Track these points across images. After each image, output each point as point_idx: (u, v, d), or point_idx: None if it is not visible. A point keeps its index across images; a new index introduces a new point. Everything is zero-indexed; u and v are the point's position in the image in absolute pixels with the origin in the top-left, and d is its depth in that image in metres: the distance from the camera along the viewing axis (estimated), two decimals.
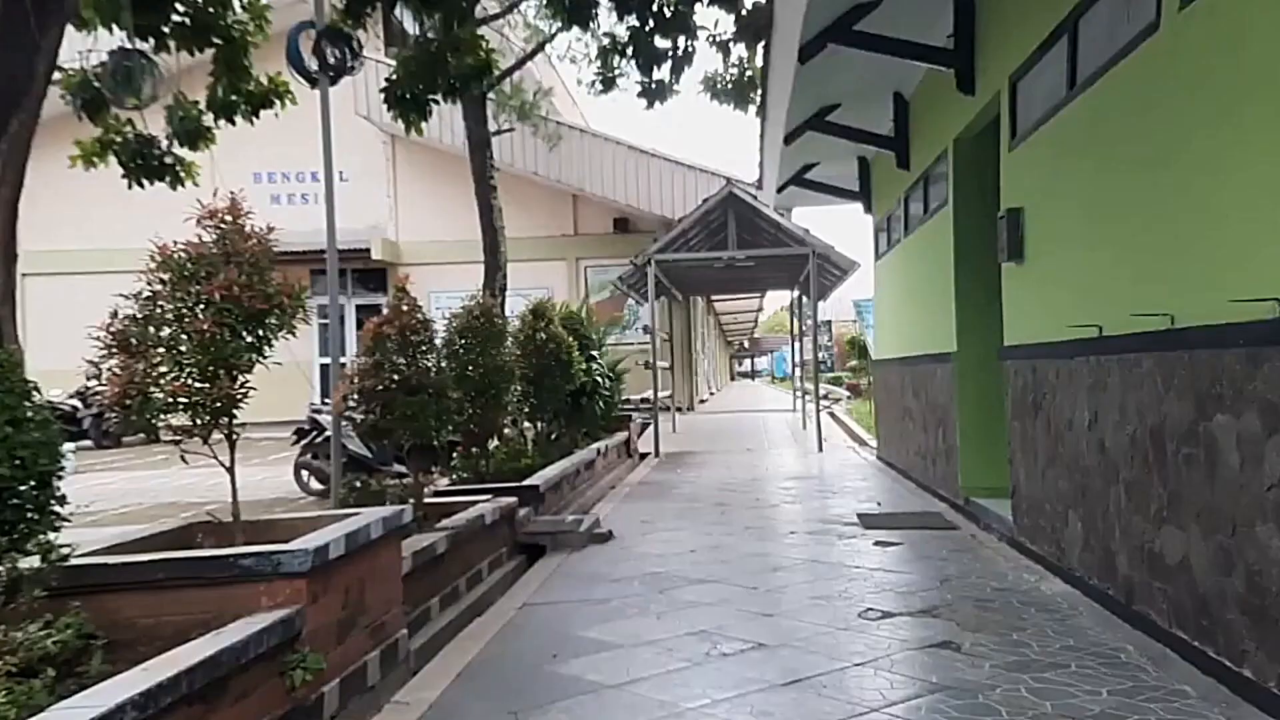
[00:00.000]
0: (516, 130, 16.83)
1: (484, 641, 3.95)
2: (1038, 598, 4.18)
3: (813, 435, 13.62)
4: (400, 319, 5.28)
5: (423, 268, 18.18)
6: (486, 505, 5.43)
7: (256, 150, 18.16)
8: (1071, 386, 4.14)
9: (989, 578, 4.60)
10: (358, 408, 5.11)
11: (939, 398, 7.10)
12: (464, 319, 7.11)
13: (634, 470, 10.85)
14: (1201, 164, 3.06)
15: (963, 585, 4.46)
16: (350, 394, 5.11)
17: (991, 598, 4.21)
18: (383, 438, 5.35)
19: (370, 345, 5.22)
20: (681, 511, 7.31)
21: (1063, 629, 3.69)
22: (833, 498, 7.83)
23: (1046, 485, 4.57)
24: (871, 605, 4.14)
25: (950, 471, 6.78)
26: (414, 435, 5.25)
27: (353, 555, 3.04)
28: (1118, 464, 3.70)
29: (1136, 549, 3.57)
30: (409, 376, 5.23)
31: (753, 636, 3.76)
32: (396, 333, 5.26)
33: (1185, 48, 3.15)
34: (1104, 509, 3.85)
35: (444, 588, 4.32)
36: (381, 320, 5.30)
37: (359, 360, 5.23)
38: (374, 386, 5.10)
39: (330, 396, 5.90)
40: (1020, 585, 4.43)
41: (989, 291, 6.27)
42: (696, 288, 17.74)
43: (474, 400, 6.94)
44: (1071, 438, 4.16)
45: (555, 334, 9.13)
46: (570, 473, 7.95)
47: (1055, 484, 4.44)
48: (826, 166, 10.69)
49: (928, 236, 7.45)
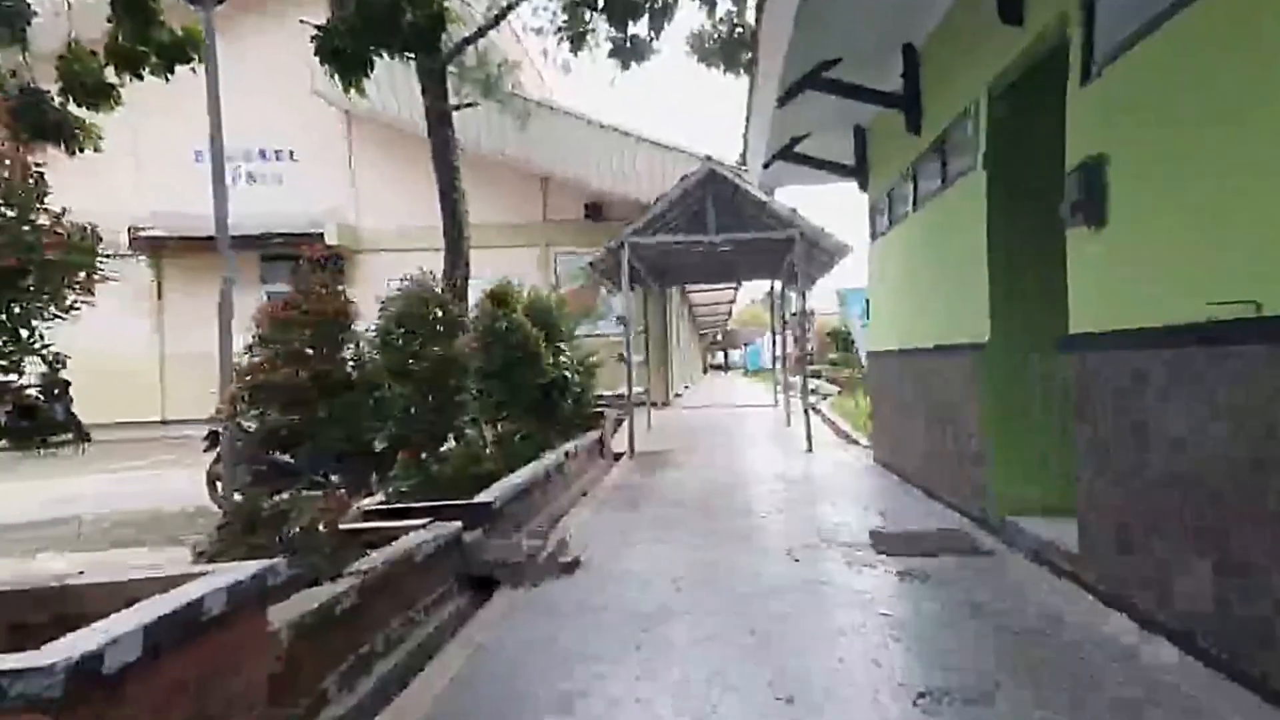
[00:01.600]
0: (482, 108, 15.66)
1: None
2: (1143, 673, 3.15)
3: (798, 433, 12.71)
4: (311, 301, 4.18)
5: (384, 255, 16.94)
6: (422, 533, 4.35)
7: (196, 125, 16.78)
8: (1191, 384, 3.14)
9: (1061, 633, 3.60)
10: (249, 409, 4.01)
11: (959, 395, 6.11)
12: (401, 303, 6.02)
13: (608, 472, 9.80)
14: None
15: (1029, 646, 3.46)
16: (242, 393, 4.00)
17: (1074, 667, 3.21)
18: (290, 446, 4.24)
19: (267, 334, 4.12)
20: (661, 521, 6.27)
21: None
22: (832, 506, 6.83)
23: (1140, 511, 3.58)
24: (914, 683, 3.13)
25: (974, 482, 5.81)
26: (339, 442, 4.15)
27: (167, 652, 1.96)
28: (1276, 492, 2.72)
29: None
30: (327, 371, 4.13)
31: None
32: (306, 318, 4.15)
33: None
34: (1246, 553, 2.86)
35: (349, 656, 3.23)
36: (285, 302, 4.19)
37: (254, 352, 4.12)
38: (275, 383, 4.00)
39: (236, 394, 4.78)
40: (1109, 648, 3.40)
41: (1034, 269, 5.30)
42: (673, 275, 16.69)
43: (420, 398, 5.87)
44: (1192, 451, 3.16)
45: (519, 323, 8.05)
46: (537, 479, 6.88)
47: (1157, 511, 3.45)
48: (819, 139, 9.68)
49: (947, 209, 6.46)
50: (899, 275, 8.26)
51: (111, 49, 7.46)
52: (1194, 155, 3.20)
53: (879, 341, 9.36)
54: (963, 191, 6.01)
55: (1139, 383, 3.52)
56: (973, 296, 5.74)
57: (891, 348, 8.52)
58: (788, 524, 6.13)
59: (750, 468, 9.52)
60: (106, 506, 8.53)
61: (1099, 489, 3.93)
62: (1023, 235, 5.37)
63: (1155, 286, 3.44)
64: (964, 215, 5.97)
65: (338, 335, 4.26)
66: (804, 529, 5.89)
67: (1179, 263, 3.28)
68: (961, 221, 6.04)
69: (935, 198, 6.78)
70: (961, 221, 6.04)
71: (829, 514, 6.51)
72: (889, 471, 8.71)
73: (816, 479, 8.53)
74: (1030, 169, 5.31)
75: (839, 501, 7.12)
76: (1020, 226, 5.38)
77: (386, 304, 6.09)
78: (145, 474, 11.76)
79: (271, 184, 16.87)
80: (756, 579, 4.50)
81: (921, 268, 7.33)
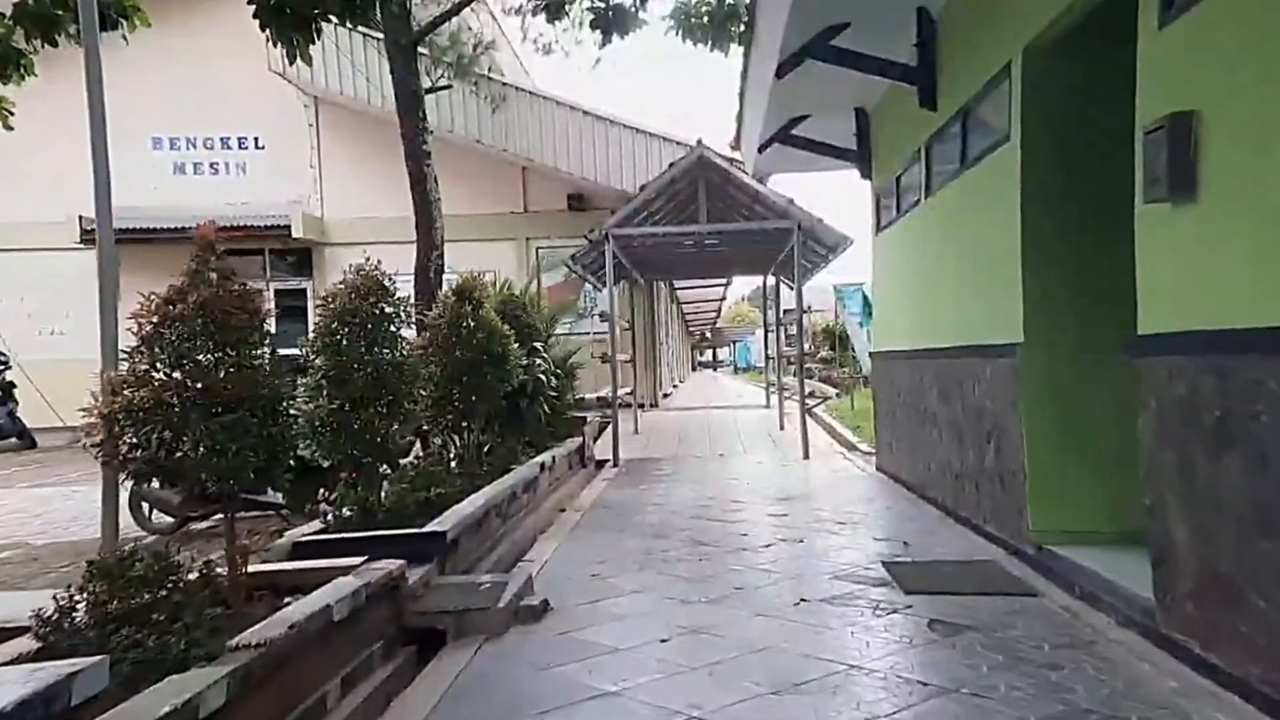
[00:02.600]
0: (458, 93, 14.80)
1: None
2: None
3: (792, 437, 11.97)
4: (201, 293, 3.33)
5: (353, 248, 16.03)
6: (345, 583, 3.52)
7: (153, 111, 15.89)
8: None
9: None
10: (123, 434, 3.15)
11: (987, 402, 5.33)
12: (343, 299, 5.18)
13: (588, 485, 8.99)
14: None
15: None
16: (115, 413, 3.15)
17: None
18: (169, 480, 3.39)
19: (148, 337, 3.27)
20: (646, 556, 5.46)
21: None
22: (841, 530, 6.04)
23: (1250, 562, 2.79)
24: None
25: (1006, 503, 5.03)
26: (223, 477, 3.31)
27: None
28: None
29: None
30: (219, 384, 3.29)
31: None
32: (195, 315, 3.31)
33: None
34: None
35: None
36: (170, 296, 3.34)
37: (129, 361, 3.26)
38: (149, 401, 3.15)
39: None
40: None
41: (1079, 257, 4.52)
42: (660, 270, 15.87)
43: (356, 411, 5.04)
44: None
45: (486, 321, 7.21)
46: (501, 500, 6.07)
47: (1270, 558, 2.67)
48: (817, 123, 8.90)
49: (969, 192, 5.67)
50: (910, 268, 7.47)
51: (22, 11, 6.58)
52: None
53: (885, 340, 8.58)
54: (990, 169, 5.23)
55: (1245, 395, 2.73)
56: (1003, 290, 4.96)
57: (900, 347, 7.74)
58: (793, 558, 5.33)
59: (745, 480, 8.73)
60: (3, 531, 7.55)
61: (1184, 523, 3.14)
62: (1065, 216, 4.59)
63: (1267, 277, 2.65)
64: (992, 196, 5.18)
65: (238, 338, 3.42)
66: (813, 565, 5.08)
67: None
68: (988, 204, 5.26)
69: (955, 180, 5.99)
70: (988, 204, 5.26)
71: (838, 541, 5.71)
72: (896, 483, 7.94)
73: (818, 493, 7.74)
74: (1075, 138, 4.54)
75: (846, 522, 6.32)
76: (1063, 206, 4.60)
77: (328, 299, 5.26)
78: (94, 488, 10.85)
79: (234, 173, 15.93)
80: (770, 663, 3.65)
81: (937, 259, 6.55)
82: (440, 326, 7.07)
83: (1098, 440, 4.48)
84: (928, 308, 6.85)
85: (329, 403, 5.02)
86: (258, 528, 6.55)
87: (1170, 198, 3.07)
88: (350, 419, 5.06)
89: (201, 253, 3.44)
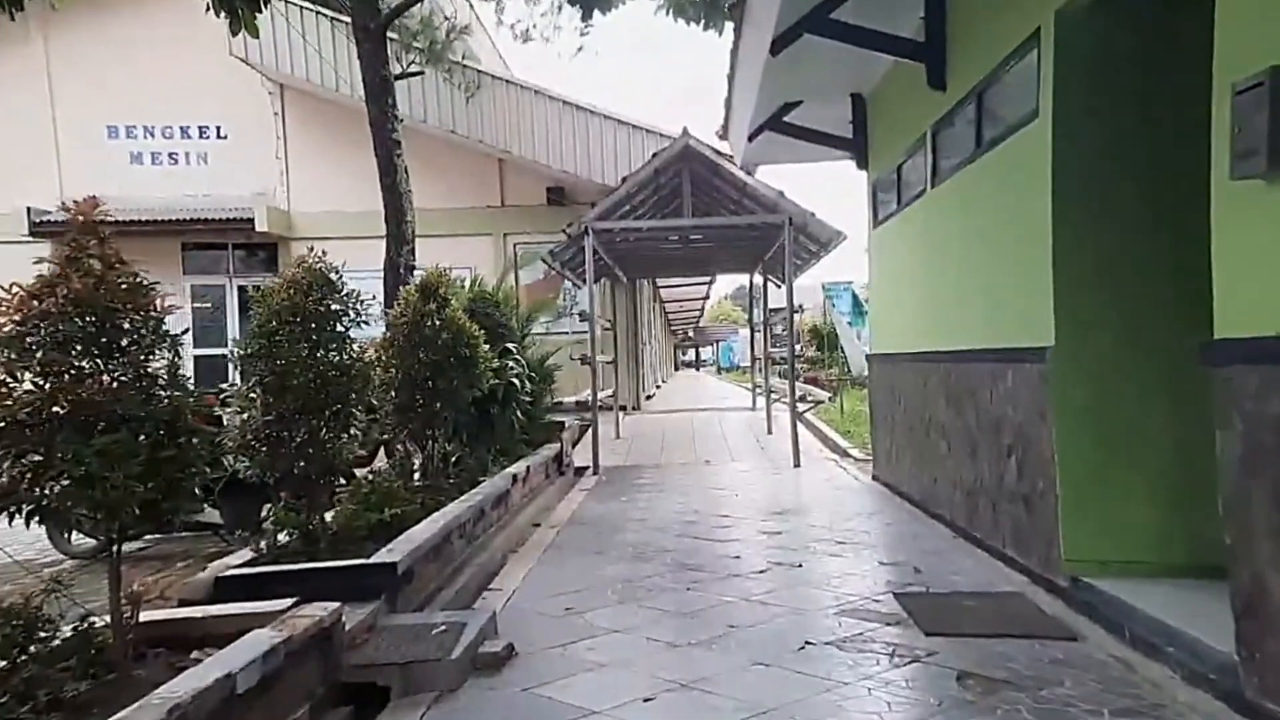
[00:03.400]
0: (432, 82, 14.11)
1: None
2: None
3: (780, 442, 11.45)
4: (74, 285, 2.69)
5: (321, 243, 15.29)
6: (258, 639, 2.89)
7: (107, 98, 15.07)
8: None
9: None
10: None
11: (1008, 412, 4.78)
12: (282, 295, 4.56)
13: (566, 496, 8.39)
14: None
15: None
16: None
17: None
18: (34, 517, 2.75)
19: (4, 339, 2.63)
20: (626, 584, 4.87)
21: None
22: (842, 551, 5.48)
23: None
24: None
25: (1032, 527, 4.48)
26: (102, 511, 2.68)
27: None
28: None
29: None
30: (96, 397, 2.66)
31: None
32: (69, 313, 2.68)
33: None
34: None
35: None
36: (36, 290, 2.70)
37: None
38: (3, 419, 2.52)
39: None
40: None
41: (1122, 249, 3.98)
42: (643, 267, 15.26)
43: (297, 422, 4.42)
44: None
45: (453, 320, 6.59)
46: (467, 520, 5.46)
47: None
48: (811, 108, 8.34)
49: (986, 178, 5.12)
50: (912, 264, 6.92)
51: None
52: None
53: (883, 341, 8.03)
54: (1011, 152, 4.67)
55: None
56: (1028, 287, 4.41)
57: (901, 350, 7.20)
58: (792, 586, 4.75)
59: (734, 491, 8.15)
60: None
61: (1272, 575, 2.58)
62: (1105, 201, 4.05)
63: None
64: (1013, 182, 4.63)
65: (128, 341, 2.79)
66: (816, 597, 4.51)
67: None
68: (1009, 191, 4.70)
69: (967, 167, 5.44)
70: (1009, 191, 4.70)
71: (840, 565, 5.14)
72: (896, 495, 7.39)
73: (813, 507, 7.17)
74: (1118, 111, 3.99)
75: (847, 542, 5.76)
76: (1102, 190, 4.05)
77: (264, 295, 4.62)
78: None
79: (195, 163, 15.14)
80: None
81: (945, 254, 6.00)
82: (402, 326, 6.45)
83: (1146, 457, 3.94)
84: (933, 307, 6.31)
85: (264, 413, 4.40)
86: (194, 550, 5.91)
87: (1272, 173, 2.51)
88: (290, 431, 4.44)
89: (80, 236, 2.80)
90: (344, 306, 4.69)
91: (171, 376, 2.96)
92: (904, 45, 5.97)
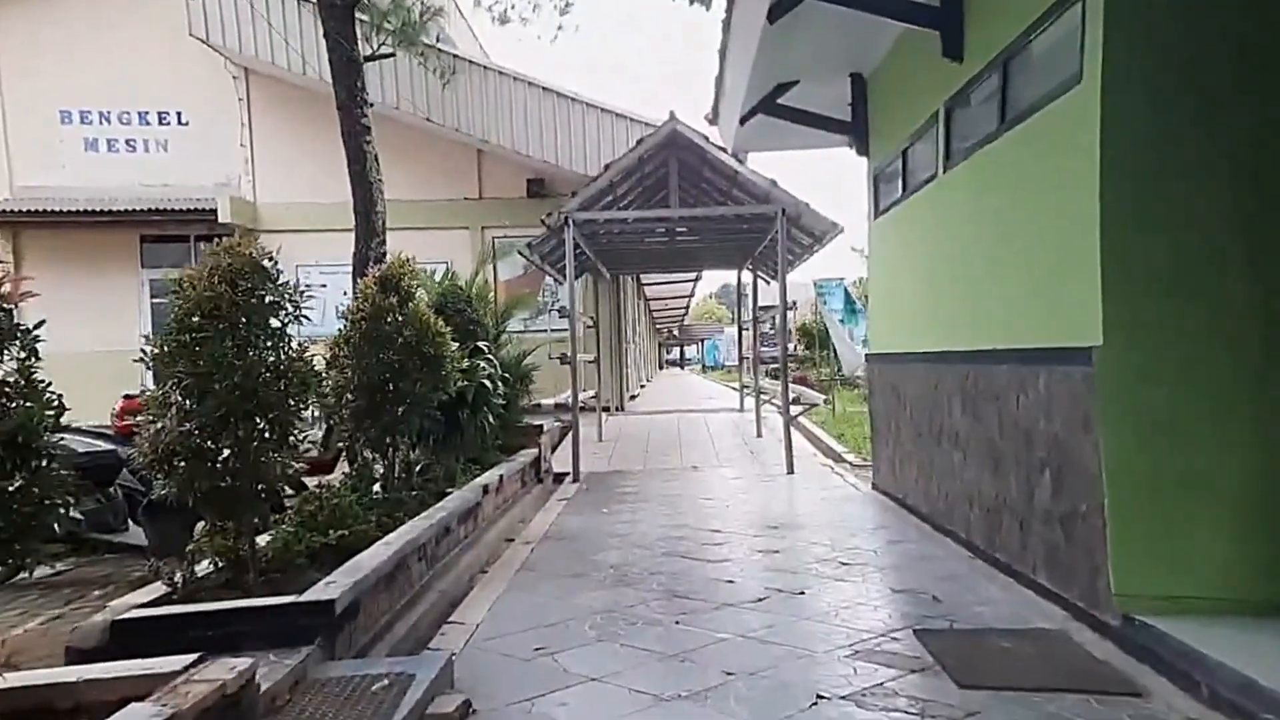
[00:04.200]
0: (403, 65, 13.43)
1: None
2: None
3: (771, 445, 10.92)
4: None
5: (288, 236, 14.57)
6: (141, 716, 2.26)
7: (61, 80, 14.25)
8: None
9: None
10: None
11: (1040, 421, 4.21)
12: (203, 285, 3.92)
13: (543, 506, 7.77)
14: None
15: None
16: None
17: None
18: None
19: None
20: (606, 616, 4.26)
21: None
22: (848, 575, 4.90)
23: None
24: None
25: (1072, 554, 3.91)
26: None
27: None
28: None
29: None
30: None
31: None
32: None
33: None
34: None
35: None
36: None
37: None
38: None
39: None
40: None
41: (1187, 232, 3.41)
42: (627, 263, 14.64)
43: (222, 434, 3.79)
44: None
45: (416, 316, 5.95)
46: (428, 540, 4.83)
47: None
48: (806, 90, 7.76)
49: (1013, 155, 4.55)
50: (921, 256, 6.35)
51: None
52: None
53: (885, 340, 7.46)
54: (1047, 124, 4.10)
55: None
56: (1068, 278, 3.84)
57: (907, 349, 6.63)
58: (795, 619, 4.16)
59: (724, 501, 7.56)
60: None
61: None
62: (1166, 176, 3.48)
63: None
64: (1048, 158, 4.06)
65: None
66: (823, 634, 3.92)
67: None
68: (1042, 168, 4.13)
69: (989, 145, 4.87)
70: (1042, 168, 4.13)
71: (848, 592, 4.56)
72: (900, 507, 6.83)
73: (812, 521, 6.58)
74: (1187, 67, 3.42)
75: (852, 563, 5.18)
76: (1162, 163, 3.48)
77: (181, 284, 3.97)
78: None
79: (154, 151, 14.35)
80: None
81: (962, 243, 5.43)
82: (359, 322, 5.81)
83: (1216, 475, 3.37)
84: (947, 302, 5.74)
85: (180, 422, 3.76)
86: (118, 575, 5.25)
87: None
88: (213, 442, 3.80)
89: None
90: (280, 298, 4.05)
91: (26, 382, 2.32)
92: (917, 11, 5.39)
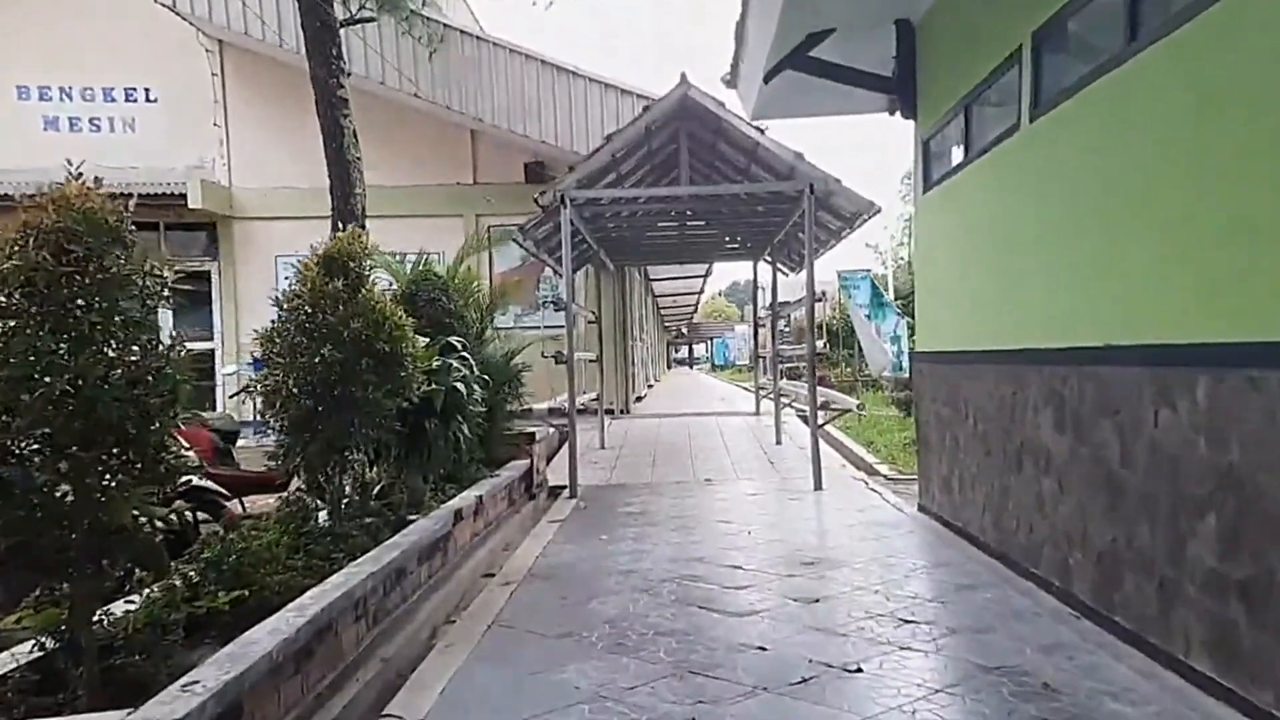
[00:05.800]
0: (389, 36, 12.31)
1: None
2: None
3: (793, 455, 9.78)
4: None
5: (267, 223, 13.48)
6: None
7: (17, 53, 13.16)
8: None
9: None
10: None
11: (1201, 447, 3.03)
12: (14, 254, 2.78)
13: (533, 529, 6.63)
14: None
15: None
16: None
17: None
18: None
19: None
20: (597, 705, 3.10)
21: None
22: (915, 642, 3.72)
23: None
24: None
25: (1265, 640, 2.73)
26: None
27: None
28: None
29: None
30: None
31: None
32: None
33: None
34: None
35: None
36: None
37: None
38: None
39: None
40: None
41: None
42: (633, 252, 13.45)
43: (40, 466, 2.66)
44: None
45: (368, 305, 4.81)
46: (368, 591, 3.70)
47: None
48: (840, 45, 6.56)
49: (1153, 81, 3.36)
50: (992, 231, 5.17)
51: None
52: None
53: (938, 336, 6.27)
54: (1215, 30, 2.92)
55: None
56: (1252, 242, 2.66)
57: (970, 347, 5.45)
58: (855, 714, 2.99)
59: (746, 525, 6.37)
60: None
61: None
62: None
63: None
64: (1219, 79, 2.88)
65: None
66: None
67: None
68: (1211, 92, 2.95)
69: (1109, 74, 3.68)
70: (1211, 92, 2.95)
71: (918, 669, 3.38)
72: (959, 536, 5.66)
73: (853, 555, 5.40)
74: None
75: (917, 619, 4.00)
76: None
77: None
78: None
79: (121, 130, 13.26)
80: None
81: (1064, 208, 4.24)
82: (295, 312, 4.68)
83: None
84: (1034, 286, 4.55)
85: None
86: None
87: None
88: (28, 482, 2.66)
89: None
90: (136, 270, 2.91)
91: None
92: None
